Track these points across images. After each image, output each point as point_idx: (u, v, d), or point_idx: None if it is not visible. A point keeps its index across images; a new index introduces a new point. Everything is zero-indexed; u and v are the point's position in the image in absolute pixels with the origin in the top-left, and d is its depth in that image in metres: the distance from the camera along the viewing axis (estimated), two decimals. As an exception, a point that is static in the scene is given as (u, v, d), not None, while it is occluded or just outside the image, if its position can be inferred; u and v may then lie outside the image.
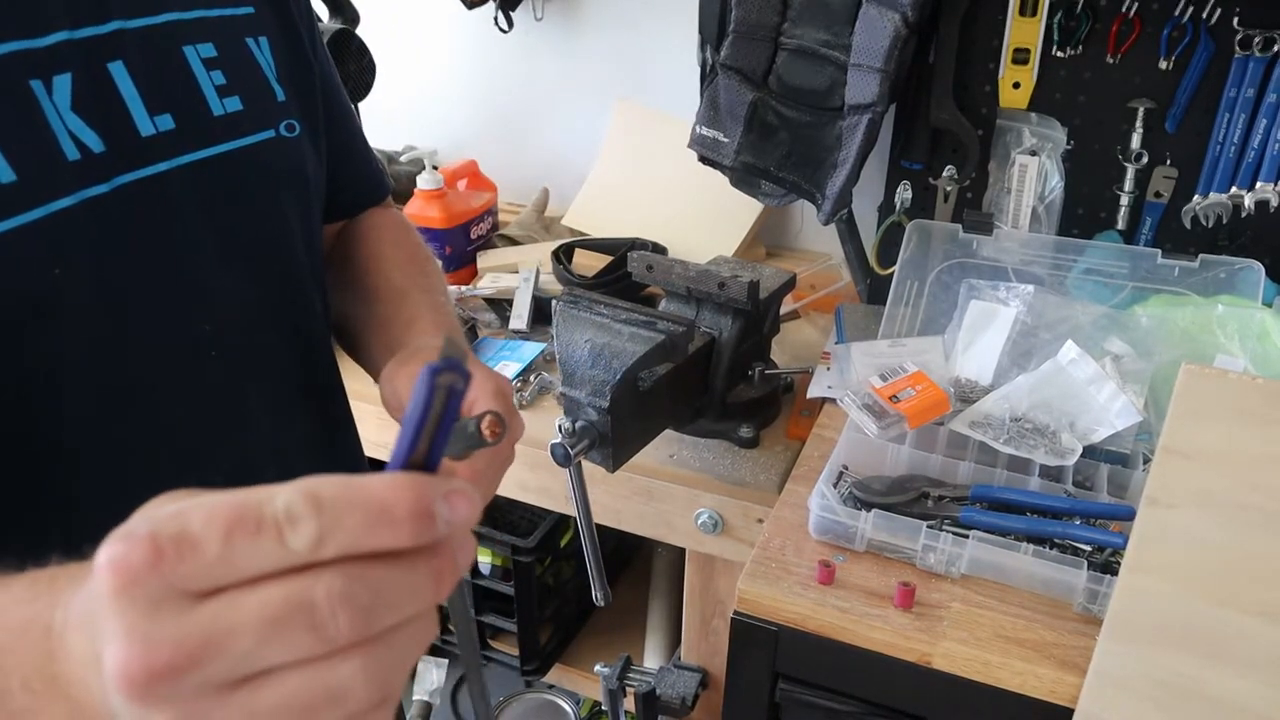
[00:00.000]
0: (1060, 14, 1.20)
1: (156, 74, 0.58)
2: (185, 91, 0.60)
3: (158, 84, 0.58)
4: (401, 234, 0.86)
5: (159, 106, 0.58)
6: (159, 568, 0.30)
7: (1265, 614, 0.77)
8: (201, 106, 0.61)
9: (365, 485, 0.31)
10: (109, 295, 0.56)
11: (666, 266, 1.14)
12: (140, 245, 0.58)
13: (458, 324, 0.79)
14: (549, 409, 1.25)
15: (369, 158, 0.89)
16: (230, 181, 0.63)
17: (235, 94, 0.63)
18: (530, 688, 1.84)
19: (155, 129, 0.58)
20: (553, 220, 1.70)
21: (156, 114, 0.58)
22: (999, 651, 0.83)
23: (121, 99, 0.57)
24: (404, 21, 1.80)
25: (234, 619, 0.30)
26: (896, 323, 1.22)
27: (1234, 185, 1.18)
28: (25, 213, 0.51)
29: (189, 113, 0.60)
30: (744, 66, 1.26)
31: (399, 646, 0.33)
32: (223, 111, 0.62)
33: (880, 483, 1.00)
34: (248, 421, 0.67)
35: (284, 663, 0.31)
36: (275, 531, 0.30)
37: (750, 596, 0.91)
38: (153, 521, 0.31)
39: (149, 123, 0.58)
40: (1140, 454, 1.02)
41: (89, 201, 0.54)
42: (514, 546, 1.35)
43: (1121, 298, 1.16)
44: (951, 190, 1.33)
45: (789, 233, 1.69)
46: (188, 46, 0.61)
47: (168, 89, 0.59)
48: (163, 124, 0.58)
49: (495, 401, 0.61)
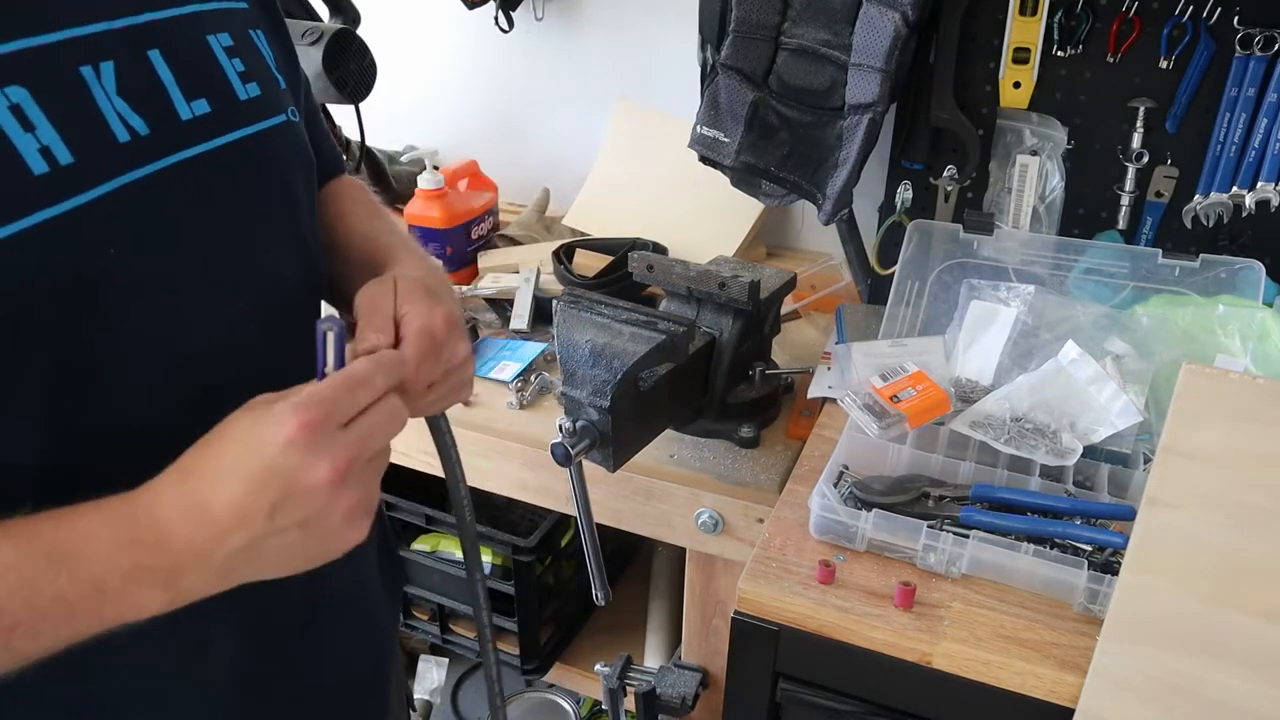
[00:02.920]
0: (1060, 13, 1.20)
1: (189, 61, 0.62)
2: (215, 77, 0.64)
3: (191, 70, 0.62)
4: (358, 193, 0.91)
5: (194, 92, 0.62)
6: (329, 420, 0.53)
7: (1265, 614, 0.77)
8: (229, 91, 0.65)
9: (392, 356, 0.62)
10: (161, 270, 0.60)
11: (667, 266, 1.14)
12: (185, 223, 0.61)
13: (422, 251, 0.84)
14: (549, 409, 1.25)
15: (328, 135, 0.93)
16: (257, 163, 0.67)
17: (254, 80, 0.67)
18: (530, 687, 1.84)
19: (193, 113, 0.61)
20: (553, 220, 1.70)
21: (193, 99, 0.62)
22: (999, 651, 0.84)
23: (162, 84, 0.60)
24: (404, 21, 1.80)
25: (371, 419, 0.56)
26: (897, 323, 1.22)
27: (1235, 185, 1.18)
28: (84, 193, 0.54)
29: (220, 97, 0.64)
30: (744, 66, 1.26)
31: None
32: (246, 96, 0.66)
33: (881, 483, 1.00)
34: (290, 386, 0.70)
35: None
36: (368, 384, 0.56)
37: (751, 596, 0.91)
38: (293, 402, 0.53)
39: (187, 107, 0.61)
40: (1141, 454, 1.02)
41: (139, 182, 0.57)
42: (514, 546, 1.35)
43: (1122, 298, 1.16)
44: (952, 190, 1.33)
45: (790, 233, 1.69)
46: (210, 36, 0.64)
47: (200, 75, 0.63)
48: (199, 108, 0.62)
49: (417, 338, 0.65)
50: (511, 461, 1.20)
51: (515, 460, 1.20)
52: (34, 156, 0.51)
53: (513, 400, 1.25)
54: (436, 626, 1.52)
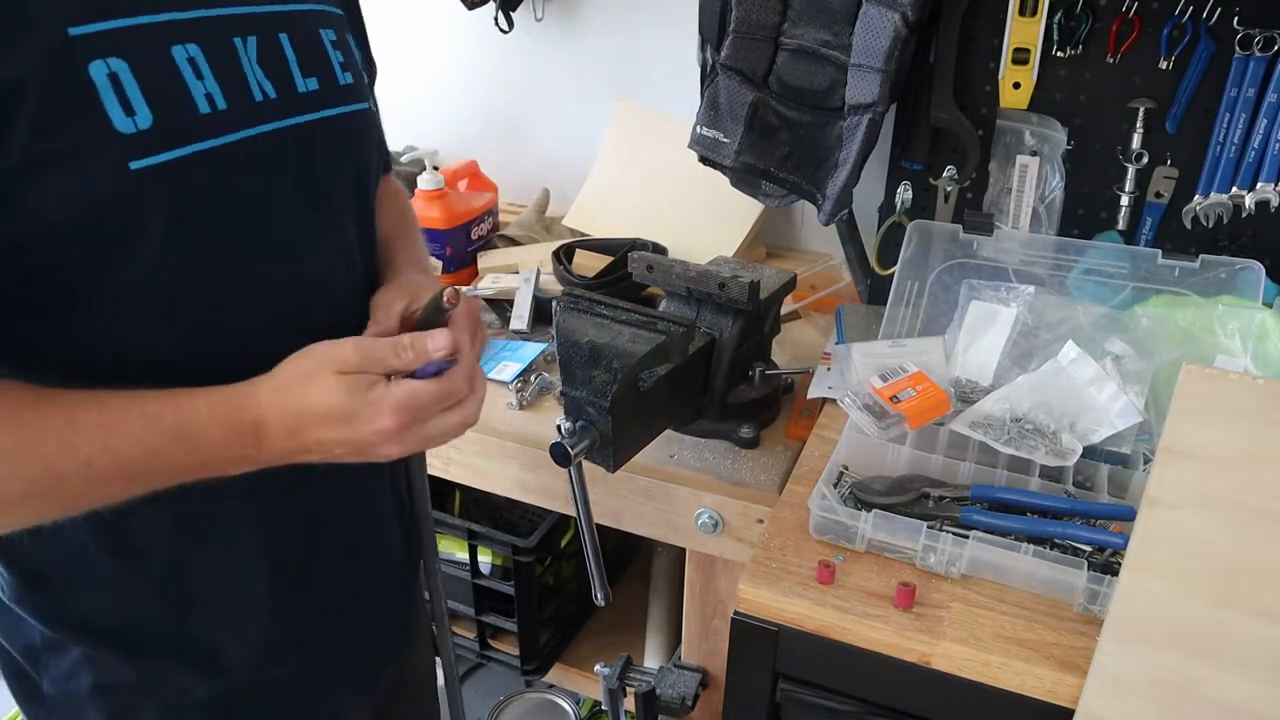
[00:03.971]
0: (1060, 14, 1.20)
1: (306, 46, 0.75)
2: (323, 63, 0.77)
3: (307, 54, 0.75)
4: (397, 197, 1.03)
5: (308, 71, 0.75)
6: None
7: (1265, 614, 0.77)
8: (333, 76, 0.78)
9: (476, 370, 0.77)
10: (278, 207, 0.73)
11: (667, 267, 1.14)
12: (297, 172, 0.74)
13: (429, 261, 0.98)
14: (549, 409, 1.25)
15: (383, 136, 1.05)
16: (348, 135, 0.80)
17: (349, 71, 0.80)
18: (530, 687, 1.84)
19: (307, 88, 0.75)
20: (553, 220, 1.70)
21: (307, 76, 0.75)
22: (999, 652, 0.84)
23: (287, 61, 0.73)
24: (404, 22, 1.80)
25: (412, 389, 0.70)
26: (897, 323, 1.22)
27: (1234, 185, 1.18)
28: (234, 133, 0.68)
29: (326, 79, 0.77)
30: (744, 67, 1.26)
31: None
32: (344, 82, 0.79)
33: (880, 483, 1.00)
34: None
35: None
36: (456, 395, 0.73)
37: (750, 596, 0.91)
38: (395, 400, 0.69)
39: (303, 82, 0.74)
40: (1141, 454, 1.02)
41: (268, 134, 0.71)
42: (514, 546, 1.35)
43: (1122, 298, 1.16)
44: (952, 190, 1.33)
45: (789, 233, 1.69)
46: (321, 29, 0.78)
47: (313, 59, 0.76)
48: (310, 85, 0.75)
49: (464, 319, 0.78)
50: (511, 462, 1.20)
51: (515, 460, 1.20)
52: (201, 100, 0.66)
53: (513, 400, 1.25)
54: (436, 627, 1.52)
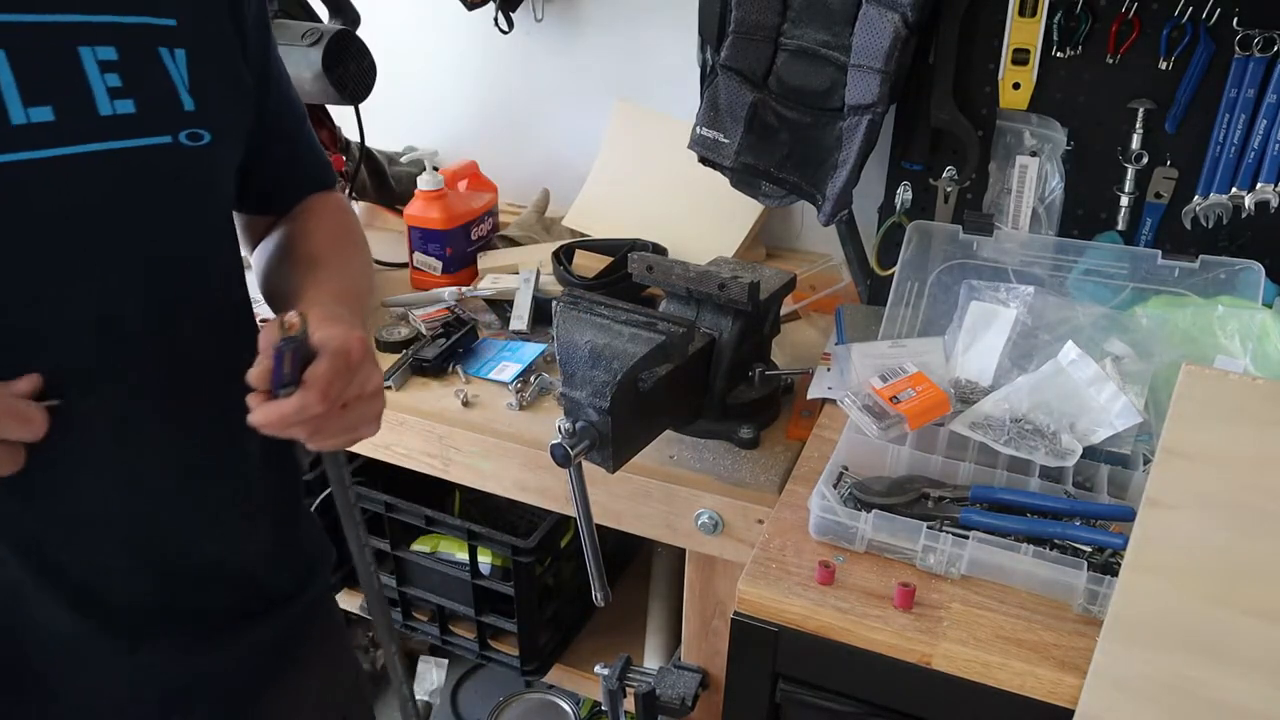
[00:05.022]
0: (1060, 14, 1.20)
1: (41, 68, 0.62)
2: (70, 88, 0.64)
3: (40, 77, 0.62)
4: (335, 215, 0.94)
5: (37, 99, 0.62)
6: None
7: (1265, 614, 0.77)
8: (87, 104, 0.64)
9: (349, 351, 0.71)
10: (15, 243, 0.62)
11: (667, 267, 1.14)
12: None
13: (355, 288, 0.87)
14: (549, 410, 1.25)
15: (313, 153, 0.96)
16: (106, 182, 0.67)
17: (129, 97, 0.67)
18: (530, 688, 1.84)
19: (27, 119, 0.61)
20: (553, 221, 1.70)
21: (32, 105, 0.61)
22: (999, 652, 0.83)
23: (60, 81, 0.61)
24: (404, 23, 1.80)
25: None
26: (897, 324, 1.22)
27: (1234, 186, 1.18)
28: None
29: (71, 108, 0.63)
30: (744, 67, 1.26)
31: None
32: (111, 112, 0.66)
33: (880, 483, 1.00)
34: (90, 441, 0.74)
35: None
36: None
37: (750, 597, 0.91)
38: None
39: (21, 112, 0.61)
40: (1140, 455, 1.02)
41: (19, 164, 0.60)
42: (514, 547, 1.35)
43: (1122, 298, 1.16)
44: (952, 191, 1.33)
45: (789, 233, 1.69)
46: (84, 47, 0.64)
47: (50, 83, 0.63)
48: (37, 115, 0.62)
49: (333, 358, 0.70)
50: (511, 462, 1.20)
51: (515, 461, 1.20)
52: None
53: (512, 401, 1.25)
54: (436, 627, 1.52)
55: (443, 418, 1.24)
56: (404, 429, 1.25)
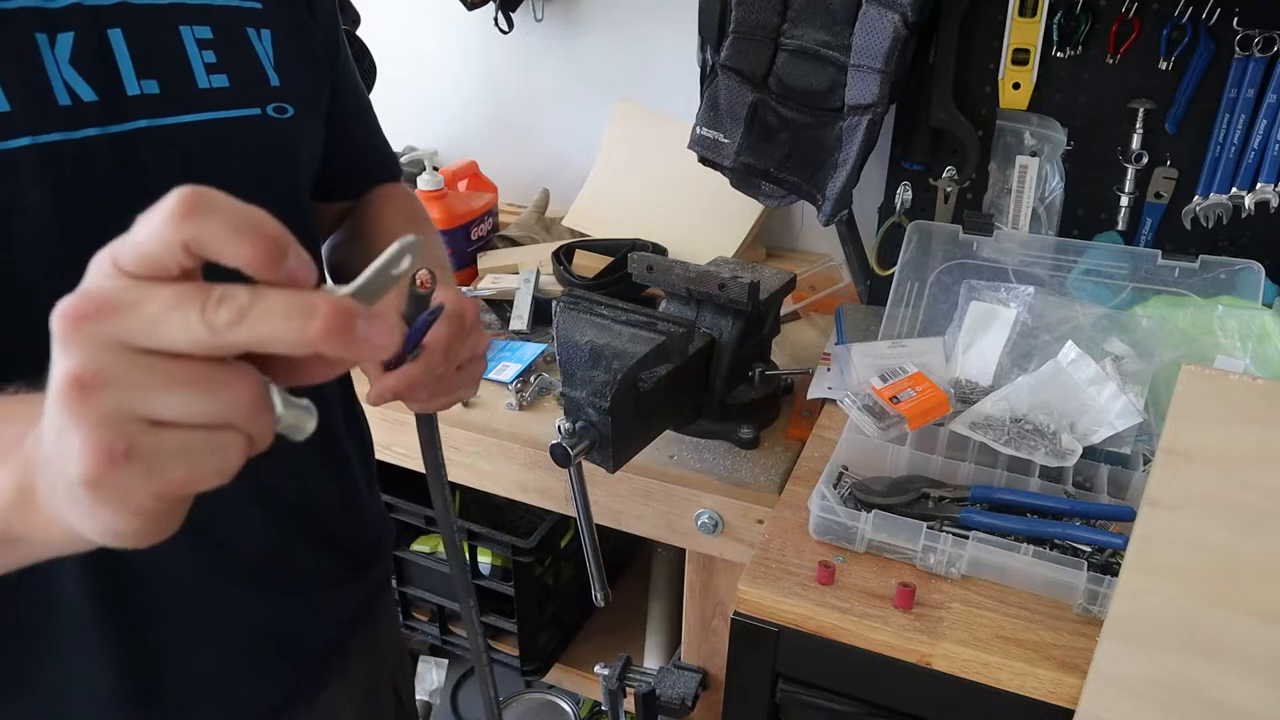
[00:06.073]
0: (1060, 14, 1.20)
1: (150, 45, 0.67)
2: (174, 63, 0.68)
3: (149, 53, 0.66)
4: (405, 200, 0.97)
5: (147, 72, 0.66)
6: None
7: (1265, 614, 0.77)
8: (188, 78, 0.69)
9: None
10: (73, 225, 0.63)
11: (666, 267, 1.14)
12: (112, 189, 0.65)
13: (442, 260, 0.88)
14: (549, 409, 1.25)
15: (380, 143, 1.01)
16: (206, 149, 0.70)
17: (223, 73, 0.71)
18: (530, 688, 1.84)
19: (141, 90, 0.66)
20: (553, 221, 1.70)
21: (144, 78, 0.66)
22: (999, 652, 0.84)
23: (115, 61, 0.65)
24: (404, 23, 1.80)
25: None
26: (897, 324, 1.22)
27: (1234, 186, 1.18)
28: (13, 139, 0.59)
29: (174, 81, 0.68)
30: (744, 67, 1.26)
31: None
32: (208, 85, 0.70)
33: (880, 483, 1.00)
34: None
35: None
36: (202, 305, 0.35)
37: (750, 597, 0.91)
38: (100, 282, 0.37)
39: (136, 84, 0.66)
40: (1140, 455, 1.02)
41: (75, 142, 0.62)
42: (514, 547, 1.35)
43: (1122, 298, 1.16)
44: (952, 191, 1.33)
45: (789, 233, 1.69)
46: (184, 26, 0.69)
47: (158, 58, 0.67)
48: (148, 87, 0.66)
49: (450, 320, 0.70)
50: (511, 462, 1.20)
51: (515, 461, 1.20)
52: None
53: (512, 401, 1.25)
54: (436, 627, 1.52)
55: (443, 417, 1.22)
56: (404, 429, 1.25)
